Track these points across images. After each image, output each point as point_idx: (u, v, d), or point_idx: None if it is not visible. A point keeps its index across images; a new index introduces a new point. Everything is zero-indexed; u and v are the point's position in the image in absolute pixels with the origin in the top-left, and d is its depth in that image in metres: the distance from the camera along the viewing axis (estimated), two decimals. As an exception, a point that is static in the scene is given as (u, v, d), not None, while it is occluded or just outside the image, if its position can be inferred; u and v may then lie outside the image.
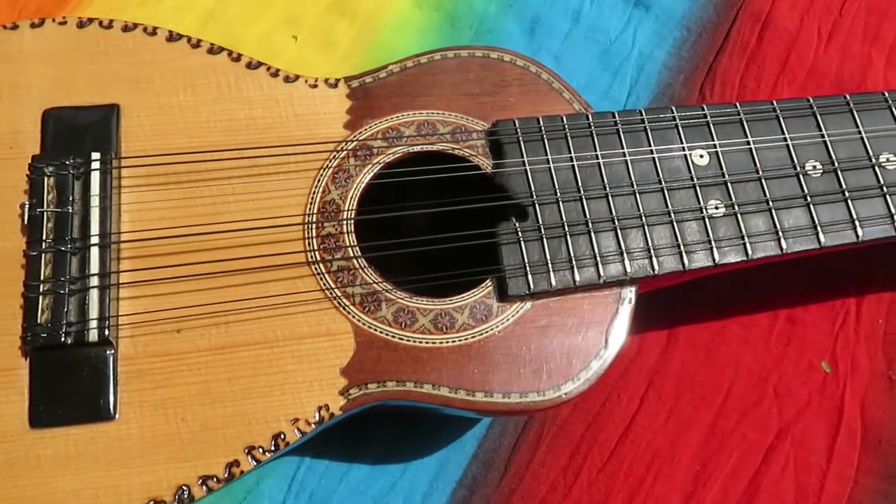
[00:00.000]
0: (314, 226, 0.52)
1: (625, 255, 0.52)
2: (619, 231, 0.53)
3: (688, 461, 0.66)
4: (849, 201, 0.55)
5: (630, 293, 0.53)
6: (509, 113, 0.57)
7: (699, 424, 0.67)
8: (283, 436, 0.48)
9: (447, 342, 0.51)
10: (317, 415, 0.48)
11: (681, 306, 0.71)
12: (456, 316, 0.51)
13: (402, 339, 0.50)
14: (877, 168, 0.56)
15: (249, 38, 0.79)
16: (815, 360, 0.70)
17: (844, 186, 0.55)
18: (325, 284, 0.51)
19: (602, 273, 0.52)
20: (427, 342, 0.50)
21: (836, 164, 0.56)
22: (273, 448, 0.47)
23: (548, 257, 0.52)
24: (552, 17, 0.82)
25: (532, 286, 0.51)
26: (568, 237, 0.52)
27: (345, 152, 0.55)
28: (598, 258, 0.52)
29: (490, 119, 0.57)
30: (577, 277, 0.52)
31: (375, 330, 0.50)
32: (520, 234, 0.52)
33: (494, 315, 0.51)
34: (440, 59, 0.59)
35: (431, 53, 0.59)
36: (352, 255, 0.52)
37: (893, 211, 0.55)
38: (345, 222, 0.53)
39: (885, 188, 0.56)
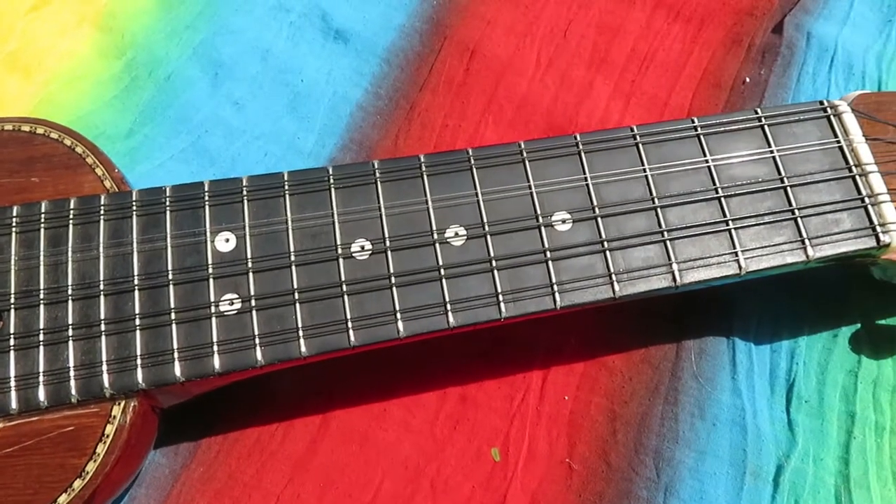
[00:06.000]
0: None
1: (104, 366, 0.45)
2: (104, 338, 0.45)
3: (321, 571, 0.58)
4: (394, 289, 0.46)
5: (124, 410, 0.45)
6: (28, 195, 0.50)
7: (341, 527, 0.59)
8: None
9: None
10: None
11: (337, 386, 0.62)
12: None
13: None
14: (438, 245, 0.47)
15: (-82, 100, 0.74)
16: (485, 446, 0.61)
17: (392, 270, 0.47)
18: None
19: (74, 390, 0.44)
20: None
21: (387, 244, 0.47)
22: None
23: (11, 372, 0.44)
24: (239, 58, 0.74)
25: (-15, 409, 0.44)
26: (41, 347, 0.45)
27: None
28: (73, 371, 0.44)
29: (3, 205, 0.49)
30: (42, 396, 0.44)
31: None
32: (-15, 345, 0.45)
33: (-46, 442, 0.44)
34: (-38, 136, 0.52)
35: (-46, 130, 0.52)
36: None
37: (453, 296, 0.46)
38: None
39: (442, 270, 0.47)
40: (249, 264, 0.46)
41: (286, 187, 0.48)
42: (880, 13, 0.73)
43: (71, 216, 0.48)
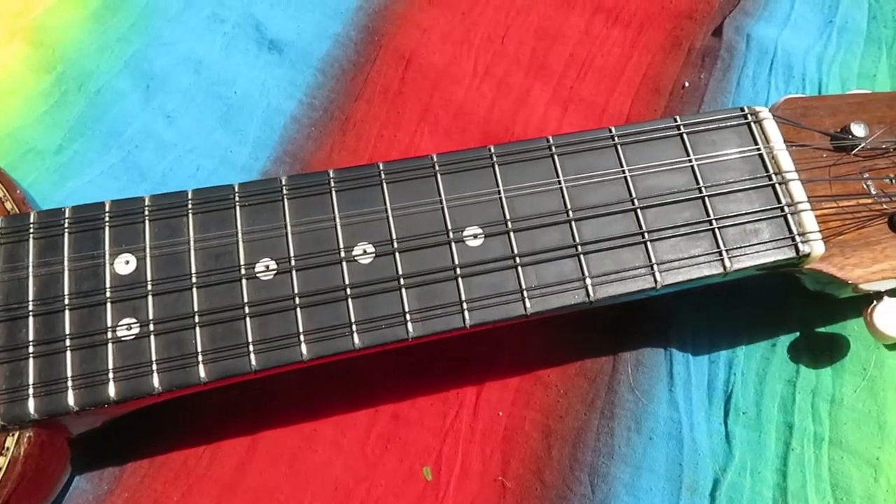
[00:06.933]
0: None
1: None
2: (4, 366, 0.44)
3: None
4: (298, 309, 0.45)
5: (18, 441, 0.43)
6: (-73, 219, 0.48)
7: (268, 552, 0.57)
8: None
9: None
10: None
11: (266, 406, 0.61)
12: None
13: None
14: (344, 263, 0.46)
15: None
16: (417, 465, 0.59)
17: (297, 291, 0.45)
18: None
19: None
20: None
21: (293, 263, 0.46)
22: None
23: None
24: (171, 70, 0.72)
25: None
26: (-69, 378, 0.43)
27: None
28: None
29: None
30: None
31: None
32: None
33: None
34: None
35: None
36: None
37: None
38: None
39: (348, 289, 0.45)
40: (149, 287, 0.45)
41: (189, 206, 0.47)
42: (821, 14, 0.72)
43: (-39, 241, 0.46)
